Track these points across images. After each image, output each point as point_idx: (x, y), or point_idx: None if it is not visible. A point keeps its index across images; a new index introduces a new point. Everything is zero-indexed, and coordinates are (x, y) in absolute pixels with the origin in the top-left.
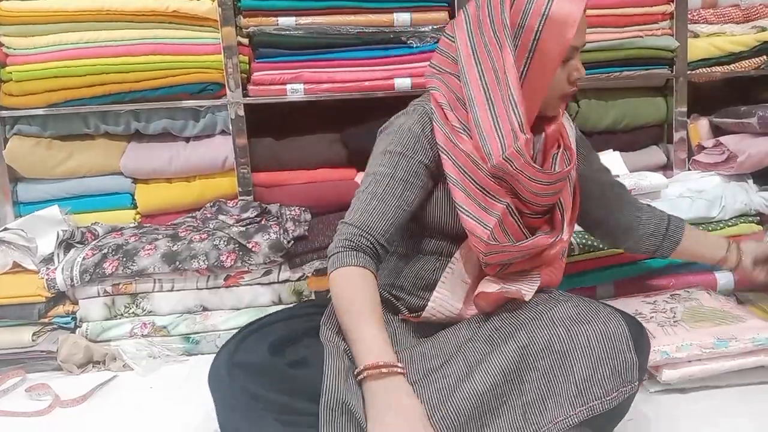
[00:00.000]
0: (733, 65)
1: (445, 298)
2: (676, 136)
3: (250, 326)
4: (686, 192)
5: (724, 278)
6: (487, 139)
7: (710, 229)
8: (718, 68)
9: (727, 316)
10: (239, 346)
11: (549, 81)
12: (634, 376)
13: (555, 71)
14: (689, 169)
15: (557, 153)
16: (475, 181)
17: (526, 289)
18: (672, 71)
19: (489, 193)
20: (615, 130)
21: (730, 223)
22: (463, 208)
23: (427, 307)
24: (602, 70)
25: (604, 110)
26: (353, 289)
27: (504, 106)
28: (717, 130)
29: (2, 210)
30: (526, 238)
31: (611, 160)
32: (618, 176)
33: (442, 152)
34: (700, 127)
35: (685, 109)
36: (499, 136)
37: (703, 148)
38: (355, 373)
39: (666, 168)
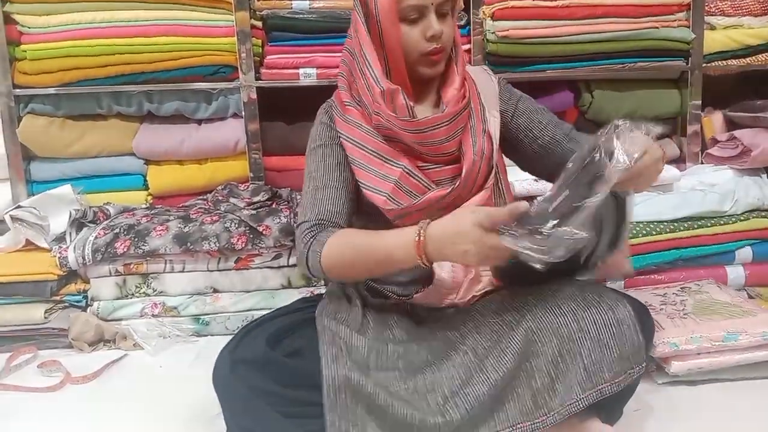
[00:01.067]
0: (750, 58)
1: (441, 276)
2: (690, 129)
3: (249, 325)
4: (698, 185)
5: (734, 273)
6: (366, 104)
7: (722, 223)
8: (735, 61)
9: (738, 309)
10: (239, 343)
11: (398, 39)
12: (641, 357)
13: (398, 30)
14: (702, 163)
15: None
16: (370, 150)
17: None
18: (687, 63)
19: (385, 158)
20: None
21: (742, 218)
22: (364, 184)
23: (416, 296)
24: (617, 61)
25: (618, 101)
26: (345, 244)
27: (366, 69)
28: (731, 124)
29: (15, 188)
30: None
31: None
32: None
33: (342, 138)
34: (714, 120)
35: (699, 102)
36: (370, 93)
37: (717, 141)
38: (416, 257)
39: (679, 161)
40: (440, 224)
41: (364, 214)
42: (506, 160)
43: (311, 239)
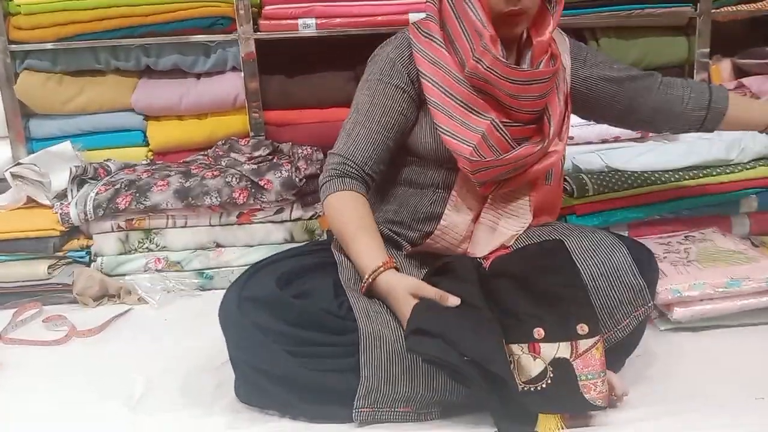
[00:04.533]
0: (760, 3)
1: (451, 226)
2: (698, 77)
3: (259, 263)
4: (704, 134)
5: (739, 222)
6: (459, 49)
7: (727, 171)
8: (744, 6)
9: (741, 256)
10: (248, 281)
11: None
12: (644, 299)
13: None
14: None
15: (543, 60)
16: (456, 98)
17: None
18: (695, 9)
19: (472, 108)
20: None
21: (748, 166)
22: (444, 129)
23: (434, 233)
24: (623, 8)
25: (625, 49)
26: (344, 211)
27: (470, 12)
28: (739, 72)
29: (15, 146)
30: None
31: None
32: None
33: (422, 77)
34: (723, 68)
35: (707, 50)
36: (468, 40)
37: None
38: (361, 287)
39: None
40: (386, 285)
41: (412, 155)
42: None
43: (331, 177)
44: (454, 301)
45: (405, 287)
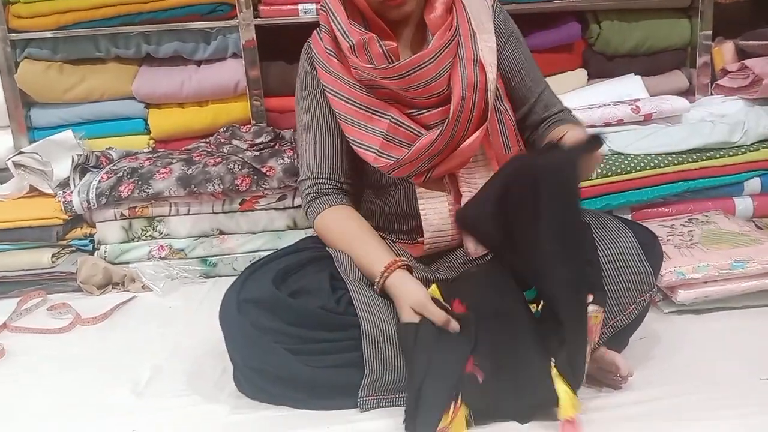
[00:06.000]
0: None
1: (433, 223)
2: (700, 60)
3: (254, 264)
4: (708, 116)
5: (742, 204)
6: (344, 52)
7: (731, 154)
8: None
9: (746, 238)
10: (245, 283)
11: None
12: (650, 285)
13: None
14: (712, 95)
15: (434, 37)
16: (356, 103)
17: None
18: None
19: (372, 110)
20: (637, 53)
21: (752, 148)
22: (353, 140)
23: (425, 242)
24: None
25: (627, 32)
26: (334, 227)
27: (333, 23)
28: (742, 54)
29: (17, 135)
30: None
31: (633, 84)
32: (638, 100)
33: (327, 91)
34: (725, 50)
35: (710, 33)
36: (348, 45)
37: (727, 72)
38: (374, 290)
39: (688, 93)
40: (394, 289)
41: (362, 171)
42: None
43: (310, 201)
44: (454, 327)
45: (409, 302)
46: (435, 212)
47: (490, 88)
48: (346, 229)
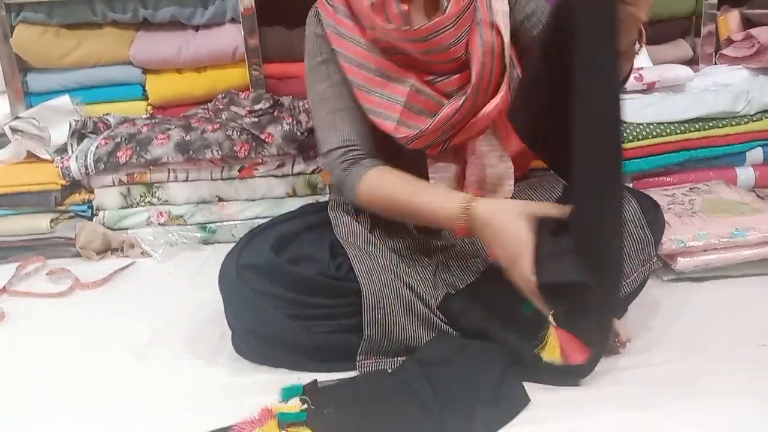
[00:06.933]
0: None
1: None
2: (705, 29)
3: (253, 230)
4: (711, 86)
5: (744, 174)
6: (359, 15)
7: (734, 123)
8: None
9: (747, 207)
10: (244, 249)
11: None
12: (651, 253)
13: None
14: (716, 64)
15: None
16: (371, 69)
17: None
18: None
19: (389, 76)
20: None
21: (755, 118)
22: (368, 108)
23: None
24: None
25: None
26: (387, 184)
27: None
28: (747, 23)
29: (13, 100)
30: None
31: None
32: (642, 68)
33: (338, 55)
34: (731, 19)
35: (715, 1)
36: (368, 3)
37: (732, 41)
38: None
39: (692, 63)
40: (488, 212)
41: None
42: None
43: (348, 168)
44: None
45: (514, 210)
46: (444, 180)
47: (507, 51)
48: (400, 184)
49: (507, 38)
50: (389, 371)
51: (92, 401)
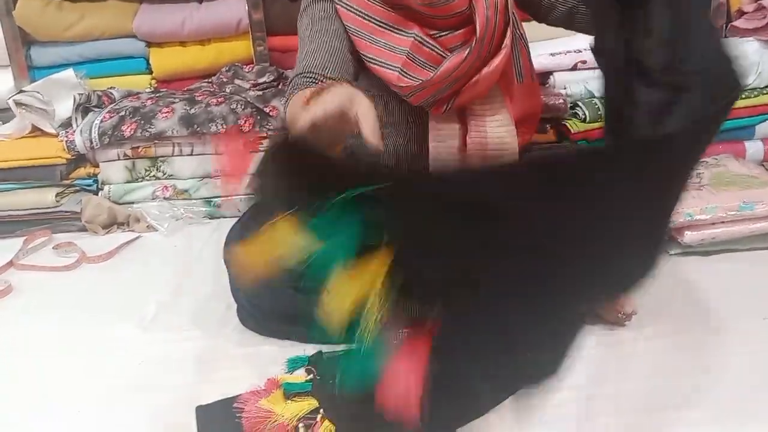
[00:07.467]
0: None
1: (440, 159)
2: (715, 1)
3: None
4: None
5: (753, 147)
6: None
7: (743, 96)
8: None
9: (755, 181)
10: (249, 221)
11: None
12: None
13: None
14: (726, 37)
15: None
16: (374, 18)
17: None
18: None
19: (392, 26)
20: None
21: (765, 91)
22: (368, 57)
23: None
24: None
25: None
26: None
27: None
28: None
29: (17, 74)
30: None
31: None
32: None
33: (339, 5)
34: None
35: None
36: None
37: (743, 13)
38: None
39: None
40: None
41: (369, 89)
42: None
43: (288, 95)
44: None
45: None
46: (445, 147)
47: (510, 7)
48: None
49: None
50: None
51: (98, 374)
